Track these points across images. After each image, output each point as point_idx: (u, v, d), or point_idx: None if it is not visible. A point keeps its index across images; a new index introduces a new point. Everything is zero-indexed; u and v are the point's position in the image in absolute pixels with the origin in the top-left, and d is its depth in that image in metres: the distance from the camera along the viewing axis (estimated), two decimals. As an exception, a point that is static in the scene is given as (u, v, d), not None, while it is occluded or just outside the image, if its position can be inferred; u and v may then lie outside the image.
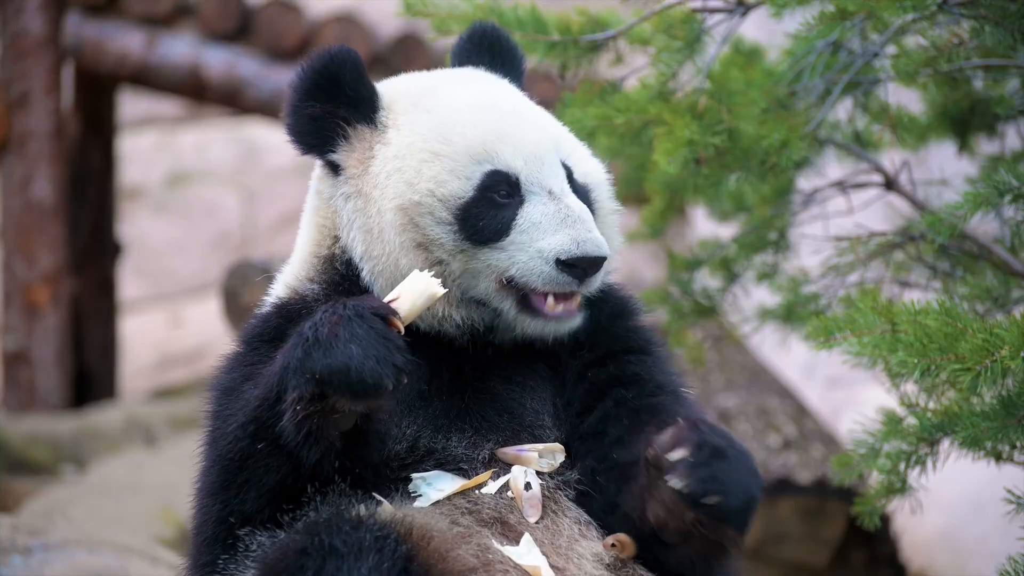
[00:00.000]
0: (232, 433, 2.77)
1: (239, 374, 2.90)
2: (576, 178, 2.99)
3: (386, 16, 7.25)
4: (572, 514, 2.86)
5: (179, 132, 15.92)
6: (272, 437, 2.70)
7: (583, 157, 3.05)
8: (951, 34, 3.56)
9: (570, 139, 3.06)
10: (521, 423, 2.92)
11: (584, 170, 3.02)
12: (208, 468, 2.87)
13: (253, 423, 2.73)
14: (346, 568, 2.59)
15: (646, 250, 10.69)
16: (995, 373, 3.07)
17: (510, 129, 2.94)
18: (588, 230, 2.85)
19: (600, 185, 3.05)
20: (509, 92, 3.09)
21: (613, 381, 2.96)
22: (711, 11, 3.85)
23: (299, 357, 2.63)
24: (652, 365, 3.01)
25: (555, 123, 3.08)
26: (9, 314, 9.95)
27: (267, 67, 9.90)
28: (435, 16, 3.81)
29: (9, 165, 9.92)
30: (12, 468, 8.13)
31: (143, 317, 14.44)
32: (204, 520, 2.85)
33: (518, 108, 3.02)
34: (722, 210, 4.62)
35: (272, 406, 2.69)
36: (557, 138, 3.00)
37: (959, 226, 3.48)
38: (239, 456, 2.76)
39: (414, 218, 2.89)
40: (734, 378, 6.09)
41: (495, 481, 2.85)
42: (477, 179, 2.90)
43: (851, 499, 4.33)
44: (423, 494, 2.83)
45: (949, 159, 4.55)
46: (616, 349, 3.00)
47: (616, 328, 3.03)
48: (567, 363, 3.00)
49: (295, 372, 2.63)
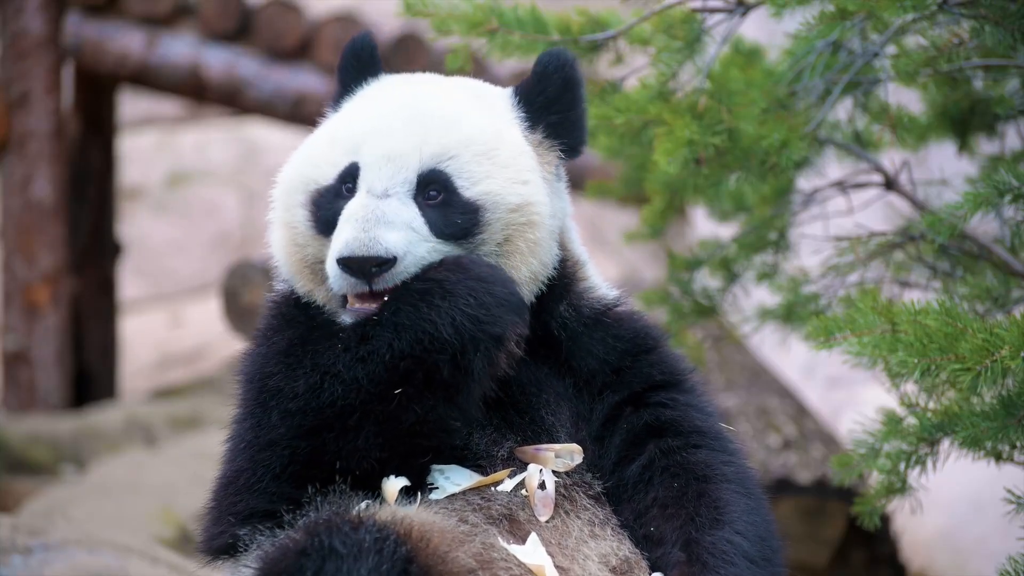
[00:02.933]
0: (350, 380, 2.77)
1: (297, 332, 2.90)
2: (462, 192, 2.92)
3: (386, 16, 7.26)
4: (586, 515, 2.88)
5: (179, 132, 15.92)
6: (432, 377, 2.77)
7: (488, 175, 2.94)
8: (951, 34, 3.56)
9: (478, 153, 2.94)
10: (541, 427, 2.94)
11: (484, 189, 2.92)
12: (287, 414, 2.82)
13: (389, 370, 2.76)
14: (345, 569, 2.59)
15: (646, 250, 10.70)
16: (995, 373, 3.07)
17: (384, 127, 2.93)
18: (365, 230, 2.81)
19: (502, 208, 2.93)
20: (439, 96, 3.02)
21: (651, 431, 2.98)
22: (711, 11, 3.84)
23: (503, 292, 2.82)
24: (687, 404, 3.02)
25: (473, 133, 2.96)
26: (9, 314, 9.95)
27: (267, 67, 9.90)
28: (435, 16, 3.80)
29: (9, 165, 9.92)
30: (12, 468, 8.13)
31: (143, 317, 14.44)
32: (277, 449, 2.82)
33: (421, 111, 2.96)
34: (722, 210, 4.61)
35: (454, 347, 2.76)
36: (444, 146, 2.92)
37: (959, 226, 3.48)
38: (354, 403, 2.77)
39: (284, 196, 3.00)
40: (734, 378, 6.09)
41: (512, 479, 2.87)
42: (340, 169, 2.94)
43: (851, 499, 4.32)
44: (440, 486, 2.84)
45: (949, 159, 4.55)
46: (645, 387, 3.02)
47: (641, 365, 3.04)
48: (594, 393, 3.02)
49: (507, 310, 2.81)
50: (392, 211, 2.86)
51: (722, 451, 2.98)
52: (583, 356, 3.03)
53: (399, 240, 2.83)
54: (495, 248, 2.92)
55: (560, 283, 3.04)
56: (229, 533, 2.86)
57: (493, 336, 2.80)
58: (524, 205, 2.93)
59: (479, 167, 2.93)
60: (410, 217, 2.87)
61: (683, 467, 2.93)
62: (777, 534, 2.95)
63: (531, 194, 2.95)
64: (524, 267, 2.95)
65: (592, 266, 3.18)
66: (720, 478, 2.91)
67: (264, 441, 2.83)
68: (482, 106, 3.03)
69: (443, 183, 2.91)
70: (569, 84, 3.03)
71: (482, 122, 2.97)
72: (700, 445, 2.96)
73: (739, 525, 2.86)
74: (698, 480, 2.91)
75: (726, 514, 2.87)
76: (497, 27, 3.77)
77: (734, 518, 2.86)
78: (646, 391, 3.02)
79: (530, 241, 2.94)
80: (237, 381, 2.97)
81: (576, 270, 3.10)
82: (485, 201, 2.92)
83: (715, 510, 2.87)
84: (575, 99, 3.04)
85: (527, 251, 2.94)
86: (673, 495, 2.90)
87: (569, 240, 3.11)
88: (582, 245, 3.18)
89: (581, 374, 3.02)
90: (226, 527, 2.87)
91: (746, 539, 2.84)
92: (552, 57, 3.03)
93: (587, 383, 3.02)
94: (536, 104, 3.04)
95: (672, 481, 2.91)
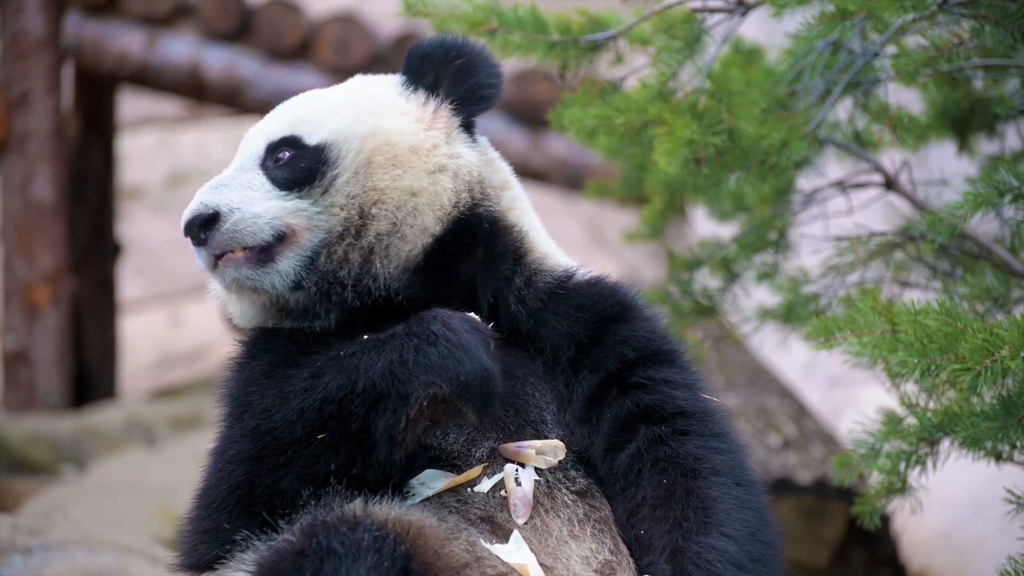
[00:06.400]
0: (284, 417, 2.76)
1: (280, 356, 2.92)
2: (309, 141, 2.99)
3: (386, 16, 7.26)
4: (566, 513, 2.85)
5: (179, 132, 15.92)
6: (345, 429, 2.71)
7: (335, 117, 3.01)
8: (951, 34, 3.55)
9: (329, 108, 3.04)
10: (526, 419, 2.91)
11: (330, 127, 3.00)
12: (238, 437, 2.83)
13: (317, 412, 2.73)
14: (344, 569, 2.58)
15: (646, 250, 10.70)
16: (995, 373, 3.07)
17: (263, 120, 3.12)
18: (195, 200, 2.97)
19: (353, 138, 2.98)
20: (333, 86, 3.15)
21: (636, 417, 2.94)
22: (711, 11, 3.84)
23: (438, 357, 2.67)
24: (666, 381, 2.97)
25: (329, 95, 3.10)
26: (9, 314, 9.94)
27: (267, 67, 9.91)
28: (435, 16, 3.80)
29: (9, 165, 9.92)
30: (12, 468, 8.12)
31: (143, 317, 14.44)
32: (222, 480, 2.83)
33: (301, 96, 3.11)
34: (722, 210, 4.61)
35: (367, 399, 2.70)
36: (298, 115, 3.04)
37: (959, 226, 3.48)
38: (287, 438, 2.75)
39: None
40: (734, 378, 6.08)
41: (489, 479, 2.84)
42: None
43: (851, 499, 4.32)
44: (415, 491, 2.82)
45: (949, 159, 4.55)
46: (621, 366, 2.97)
47: (611, 338, 3.00)
48: (569, 372, 2.98)
49: (428, 370, 2.67)
50: (227, 177, 2.99)
51: (709, 434, 2.94)
52: (548, 333, 3.00)
53: (222, 198, 2.93)
54: (360, 188, 2.94)
55: (502, 253, 3.04)
56: (202, 550, 2.85)
57: (401, 395, 2.70)
58: (377, 131, 2.98)
59: (328, 115, 3.02)
60: (248, 179, 2.97)
61: (671, 460, 2.89)
62: (770, 522, 2.91)
63: (387, 123, 3.00)
64: (406, 202, 2.95)
65: (545, 236, 3.15)
66: (709, 471, 2.87)
67: (226, 459, 2.84)
68: (361, 82, 3.14)
69: (292, 143, 3.00)
70: (441, 45, 3.09)
71: (345, 88, 3.11)
72: (687, 431, 2.92)
73: (728, 526, 2.82)
74: (686, 476, 2.87)
75: (714, 514, 2.83)
76: (497, 27, 3.77)
77: (722, 518, 2.83)
78: (623, 371, 2.97)
79: (396, 175, 2.96)
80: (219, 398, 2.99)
81: (521, 241, 3.08)
82: (333, 138, 2.99)
83: (703, 511, 2.83)
84: (448, 54, 3.07)
85: (397, 184, 2.96)
86: (662, 495, 2.87)
87: (507, 208, 3.09)
88: (535, 218, 3.17)
89: (550, 353, 2.99)
90: (199, 543, 2.86)
91: (735, 541, 2.81)
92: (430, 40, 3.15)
93: (556, 361, 2.98)
94: (412, 70, 3.10)
95: (661, 478, 2.88)
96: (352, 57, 9.77)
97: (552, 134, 7.03)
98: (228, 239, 2.93)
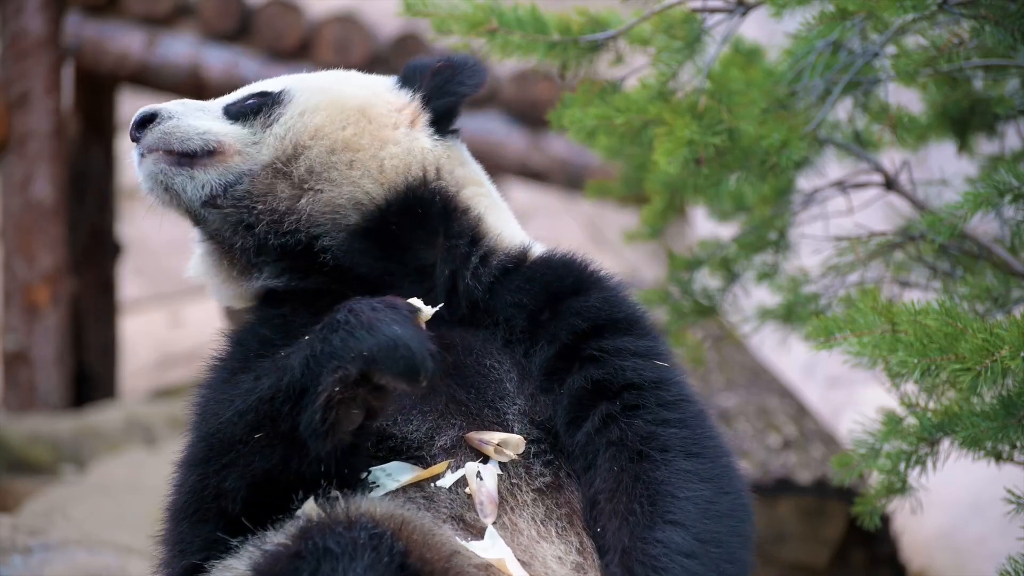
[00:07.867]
0: (227, 418, 2.78)
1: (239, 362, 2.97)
2: (270, 90, 3.18)
3: (386, 16, 7.26)
4: (529, 511, 2.85)
5: (179, 132, 15.89)
6: (276, 427, 2.71)
7: (301, 78, 3.25)
8: (951, 34, 3.55)
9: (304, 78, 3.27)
10: (484, 398, 2.91)
11: (291, 79, 3.25)
12: (194, 443, 2.89)
13: (253, 412, 2.74)
14: (341, 568, 2.57)
15: (646, 250, 10.69)
16: (995, 373, 3.07)
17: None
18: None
19: (308, 90, 3.17)
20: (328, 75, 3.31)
21: (587, 393, 2.92)
22: (711, 11, 3.84)
23: (339, 341, 2.65)
24: (618, 350, 2.94)
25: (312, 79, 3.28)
26: (9, 314, 9.94)
27: (267, 67, 9.90)
28: (435, 16, 3.80)
29: (9, 165, 9.92)
30: (12, 468, 8.12)
31: (143, 317, 14.43)
32: (179, 487, 2.87)
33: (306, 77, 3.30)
34: (722, 210, 4.61)
35: (290, 396, 2.69)
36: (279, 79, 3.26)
37: (959, 226, 3.48)
38: (229, 439, 2.76)
39: None
40: (734, 378, 6.08)
41: (452, 473, 2.84)
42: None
43: (851, 499, 4.32)
44: (381, 484, 2.81)
45: (949, 159, 4.55)
46: (573, 338, 2.96)
47: (565, 311, 2.99)
48: (525, 344, 2.99)
49: (333, 356, 2.64)
50: (191, 105, 3.15)
51: (661, 405, 2.90)
52: (501, 306, 3.02)
53: (168, 106, 3.08)
54: (301, 125, 3.07)
55: (459, 233, 3.08)
56: (174, 564, 2.85)
57: (315, 387, 2.67)
58: (337, 90, 3.15)
59: (301, 78, 3.24)
60: (206, 107, 3.13)
61: (621, 444, 2.86)
62: (730, 489, 2.84)
63: (350, 89, 3.17)
64: (343, 149, 3.06)
65: (510, 224, 3.19)
66: (657, 449, 2.83)
67: (184, 466, 2.89)
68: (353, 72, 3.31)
69: (260, 94, 3.16)
70: (435, 60, 3.26)
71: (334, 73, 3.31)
72: (636, 406, 2.88)
73: (675, 511, 2.77)
74: (634, 460, 2.83)
75: (660, 500, 2.78)
76: (497, 27, 3.77)
77: (668, 504, 2.77)
78: (576, 342, 2.96)
79: (340, 125, 3.08)
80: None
81: (478, 223, 3.12)
82: (292, 86, 3.18)
83: (648, 500, 2.78)
84: (435, 64, 3.23)
85: (337, 133, 3.07)
86: (611, 486, 2.84)
87: (467, 196, 3.14)
88: (507, 215, 3.22)
89: (504, 324, 3.01)
90: (172, 556, 2.87)
91: (681, 527, 2.75)
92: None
93: (511, 332, 3.00)
94: (404, 76, 3.25)
95: (612, 464, 2.85)
96: (352, 57, 9.77)
97: (552, 134, 7.03)
98: (157, 137, 3.07)
